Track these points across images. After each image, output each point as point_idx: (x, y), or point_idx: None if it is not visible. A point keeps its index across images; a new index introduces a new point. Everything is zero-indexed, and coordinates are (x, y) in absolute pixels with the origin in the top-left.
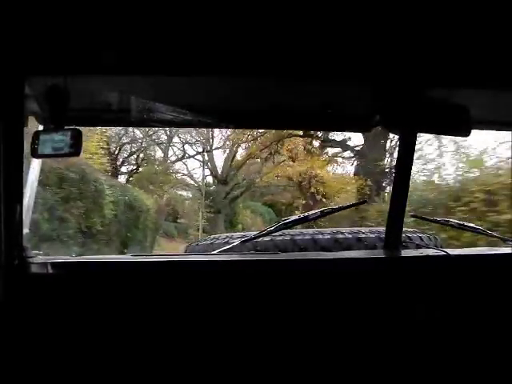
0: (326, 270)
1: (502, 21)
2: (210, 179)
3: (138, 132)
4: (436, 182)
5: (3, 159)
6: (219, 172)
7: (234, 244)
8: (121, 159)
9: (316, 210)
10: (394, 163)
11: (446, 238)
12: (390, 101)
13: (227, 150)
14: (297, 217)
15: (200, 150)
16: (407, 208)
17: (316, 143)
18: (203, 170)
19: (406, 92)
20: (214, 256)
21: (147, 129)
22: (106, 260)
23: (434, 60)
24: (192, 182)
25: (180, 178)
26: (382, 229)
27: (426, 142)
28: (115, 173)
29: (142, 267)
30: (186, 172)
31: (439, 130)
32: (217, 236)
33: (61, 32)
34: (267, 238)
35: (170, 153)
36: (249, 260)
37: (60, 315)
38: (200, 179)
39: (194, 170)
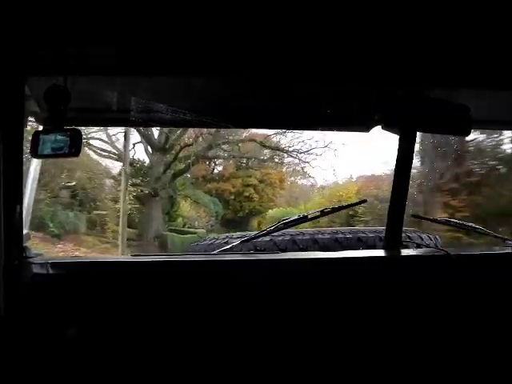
0: (326, 270)
1: (502, 21)
2: (141, 149)
3: None
4: None
5: (3, 159)
6: (155, 136)
7: (234, 244)
8: None
9: (315, 210)
10: None
11: None
12: (389, 100)
13: None
14: (296, 216)
15: None
16: None
17: None
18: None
19: (405, 91)
20: (214, 256)
21: None
22: (105, 260)
23: (433, 60)
24: (114, 151)
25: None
26: (382, 228)
27: None
28: None
29: (142, 267)
30: (104, 137)
31: (439, 129)
32: (216, 236)
33: (61, 32)
34: (267, 238)
35: None
36: (249, 260)
37: (60, 315)
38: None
39: (117, 134)
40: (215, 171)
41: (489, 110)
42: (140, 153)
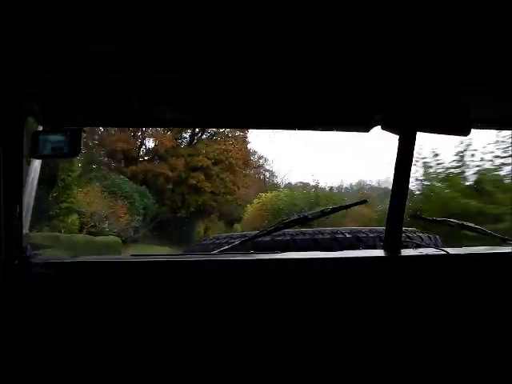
0: (326, 270)
1: (502, 20)
2: None
3: None
4: None
5: (3, 159)
6: None
7: (234, 244)
8: None
9: (316, 210)
10: None
11: None
12: (389, 100)
13: None
14: (297, 216)
15: None
16: None
17: None
18: None
19: (405, 91)
20: (214, 256)
21: None
22: (105, 260)
23: (433, 59)
24: None
25: None
26: (382, 228)
27: None
28: None
29: (141, 267)
30: None
31: (439, 129)
32: (217, 236)
33: (61, 32)
34: (267, 238)
35: None
36: (249, 260)
37: (60, 315)
38: None
39: None
40: (144, 147)
41: (489, 109)
42: None
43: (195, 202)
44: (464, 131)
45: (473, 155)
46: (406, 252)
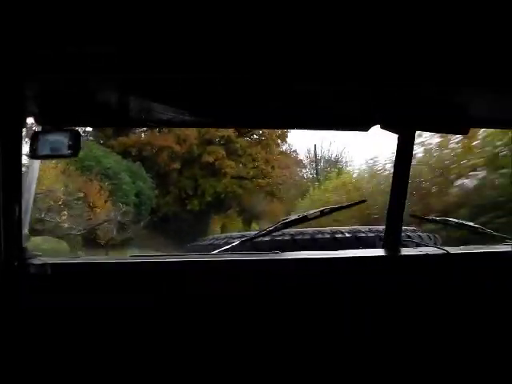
0: (326, 269)
1: (502, 20)
2: None
3: None
4: None
5: (2, 160)
6: None
7: (234, 244)
8: None
9: (315, 210)
10: None
11: None
12: (388, 100)
13: None
14: (296, 216)
15: None
16: None
17: None
18: None
19: (404, 91)
20: (214, 256)
21: None
22: (105, 261)
23: (432, 59)
24: None
25: None
26: (382, 228)
27: None
28: None
29: (141, 268)
30: None
31: (437, 128)
32: (216, 236)
33: (60, 32)
34: (267, 238)
35: None
36: (249, 260)
37: (59, 316)
38: None
39: None
40: None
41: (488, 109)
42: None
43: (212, 189)
44: (462, 130)
45: None
46: (405, 251)
